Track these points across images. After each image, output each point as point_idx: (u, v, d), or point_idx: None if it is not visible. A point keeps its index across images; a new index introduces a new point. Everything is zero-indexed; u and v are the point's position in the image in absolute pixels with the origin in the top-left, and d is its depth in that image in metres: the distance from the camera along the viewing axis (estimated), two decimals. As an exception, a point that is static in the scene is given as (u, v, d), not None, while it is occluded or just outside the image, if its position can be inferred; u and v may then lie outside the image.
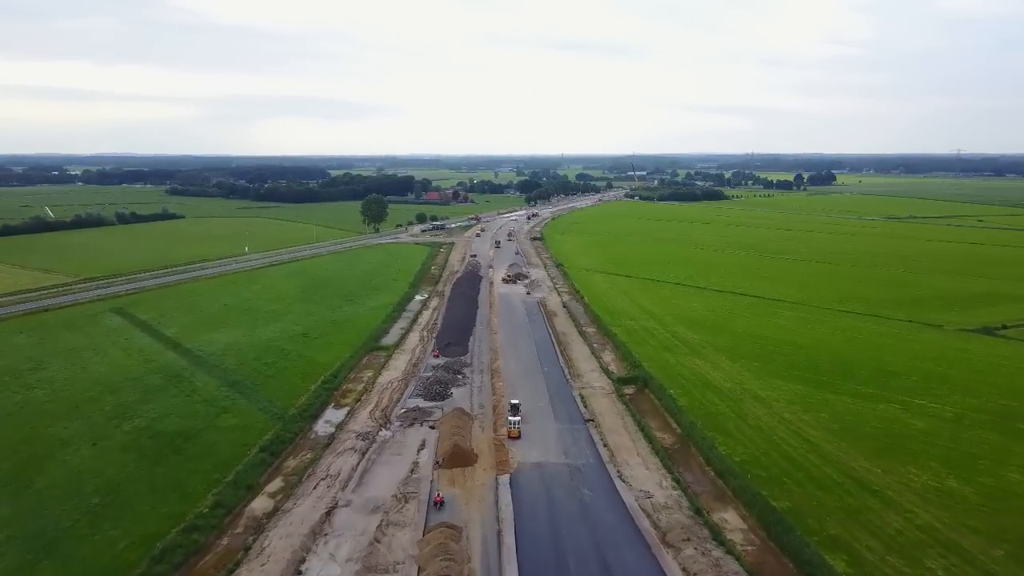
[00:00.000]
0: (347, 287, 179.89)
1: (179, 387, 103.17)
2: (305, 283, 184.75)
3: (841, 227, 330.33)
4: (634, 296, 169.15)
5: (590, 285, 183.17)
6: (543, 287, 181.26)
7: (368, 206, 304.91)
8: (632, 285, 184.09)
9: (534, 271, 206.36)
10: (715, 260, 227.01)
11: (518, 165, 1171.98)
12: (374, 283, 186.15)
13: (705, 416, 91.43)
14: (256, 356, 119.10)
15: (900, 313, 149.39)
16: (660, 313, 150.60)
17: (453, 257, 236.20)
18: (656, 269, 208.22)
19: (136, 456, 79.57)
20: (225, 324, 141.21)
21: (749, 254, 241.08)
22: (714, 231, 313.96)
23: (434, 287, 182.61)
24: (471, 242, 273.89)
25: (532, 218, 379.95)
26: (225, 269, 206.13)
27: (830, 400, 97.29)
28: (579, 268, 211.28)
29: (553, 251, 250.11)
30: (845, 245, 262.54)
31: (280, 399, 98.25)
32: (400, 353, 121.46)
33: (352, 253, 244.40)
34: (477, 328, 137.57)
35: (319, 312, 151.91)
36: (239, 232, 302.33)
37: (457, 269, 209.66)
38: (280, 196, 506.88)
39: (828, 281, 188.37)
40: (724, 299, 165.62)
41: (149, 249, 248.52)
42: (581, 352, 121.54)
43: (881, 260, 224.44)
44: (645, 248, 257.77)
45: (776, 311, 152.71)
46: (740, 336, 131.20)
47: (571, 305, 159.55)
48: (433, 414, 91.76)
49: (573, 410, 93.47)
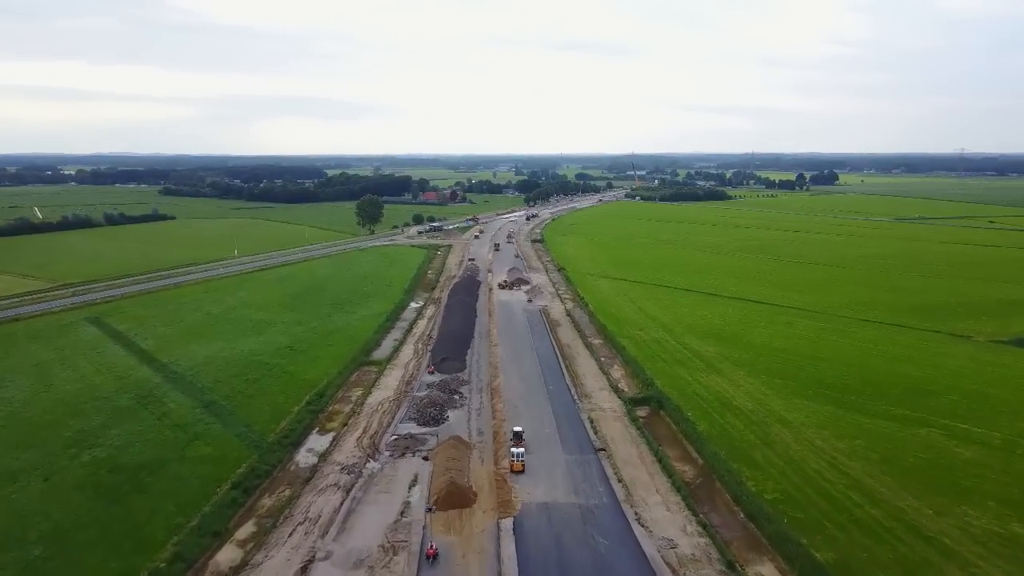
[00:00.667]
0: (339, 294, 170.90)
1: (150, 409, 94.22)
2: (294, 289, 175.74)
3: (850, 228, 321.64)
4: (641, 303, 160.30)
5: (594, 291, 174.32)
6: (545, 293, 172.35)
7: (363, 207, 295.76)
8: (639, 291, 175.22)
9: (535, 276, 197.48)
10: (724, 264, 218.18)
11: (517, 165, 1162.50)
12: (367, 289, 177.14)
13: (728, 444, 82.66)
14: (237, 372, 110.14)
15: (925, 322, 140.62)
16: (670, 323, 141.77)
17: (450, 260, 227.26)
18: (663, 274, 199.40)
19: (92, 494, 70.62)
20: (206, 335, 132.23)
21: (758, 258, 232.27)
22: (720, 233, 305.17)
23: (430, 293, 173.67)
24: (469, 244, 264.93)
25: (531, 219, 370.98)
26: (212, 274, 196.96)
27: (863, 424, 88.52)
28: (582, 272, 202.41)
29: (554, 254, 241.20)
30: (857, 248, 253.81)
31: (259, 423, 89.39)
32: (392, 368, 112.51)
33: (346, 256, 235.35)
34: (475, 340, 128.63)
35: (307, 322, 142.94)
36: (230, 234, 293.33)
37: (455, 274, 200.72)
38: (275, 196, 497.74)
39: (844, 287, 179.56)
40: (737, 307, 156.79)
41: (135, 252, 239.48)
42: (588, 367, 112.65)
43: (896, 264, 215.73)
44: (650, 251, 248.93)
45: (793, 320, 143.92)
46: (758, 349, 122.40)
47: (575, 313, 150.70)
48: (427, 442, 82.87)
49: (582, 437, 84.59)
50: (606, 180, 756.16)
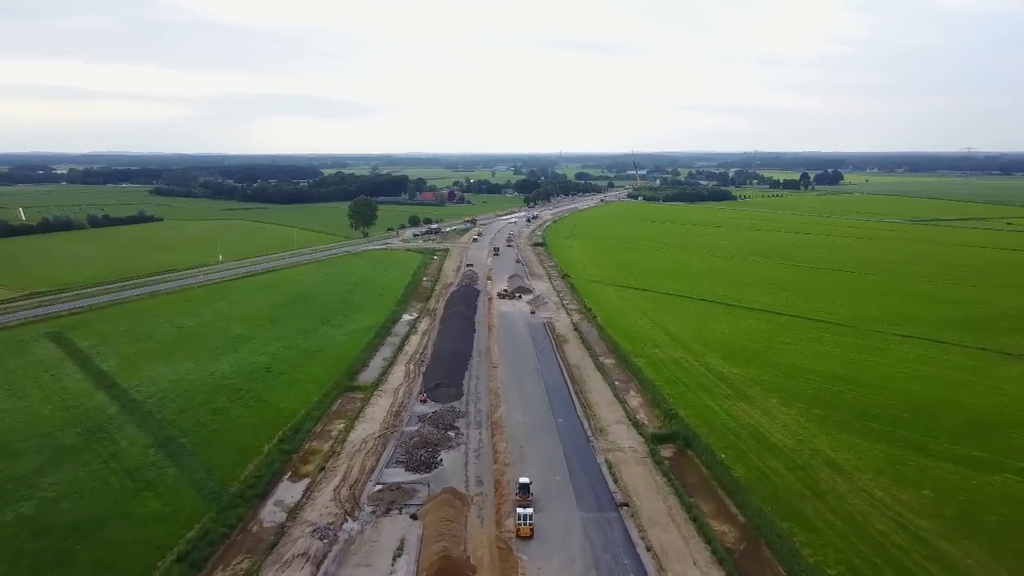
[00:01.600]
0: (326, 304, 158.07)
1: (97, 448, 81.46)
2: (278, 299, 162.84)
3: (864, 231, 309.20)
4: (654, 315, 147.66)
5: (602, 301, 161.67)
6: (549, 304, 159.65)
7: (356, 208, 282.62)
8: (649, 301, 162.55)
9: (538, 284, 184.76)
10: (738, 271, 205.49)
11: (515, 164, 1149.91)
12: (357, 299, 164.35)
13: (772, 494, 70.13)
14: (204, 399, 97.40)
15: (968, 338, 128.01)
16: (687, 338, 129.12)
17: (447, 266, 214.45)
18: (674, 281, 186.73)
19: (5, 571, 57.87)
20: (176, 353, 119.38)
21: (774, 263, 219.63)
22: (729, 236, 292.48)
23: (425, 304, 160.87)
24: (467, 248, 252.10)
25: (532, 220, 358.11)
26: (191, 282, 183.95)
27: (926, 468, 76.00)
28: (588, 280, 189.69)
29: (557, 259, 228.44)
30: (875, 252, 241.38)
31: (222, 466, 76.69)
32: (380, 395, 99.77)
33: (336, 262, 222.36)
34: (474, 360, 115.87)
35: (289, 337, 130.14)
36: (217, 237, 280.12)
37: (451, 281, 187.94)
38: (268, 197, 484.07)
39: (870, 296, 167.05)
40: (758, 319, 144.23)
41: (114, 257, 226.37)
42: (601, 393, 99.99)
43: (922, 270, 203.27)
44: (658, 256, 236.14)
45: (821, 335, 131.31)
46: (788, 370, 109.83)
47: (583, 327, 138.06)
48: (416, 494, 70.19)
49: (600, 487, 71.91)
50: (607, 180, 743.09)
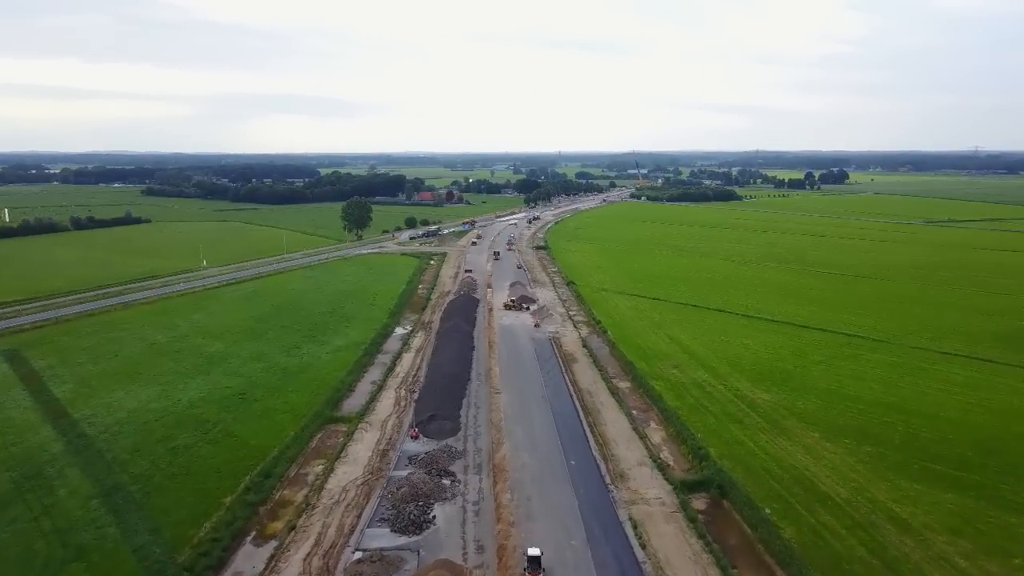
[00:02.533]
0: (313, 316, 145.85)
1: (30, 499, 69.32)
2: (262, 310, 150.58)
3: (879, 232, 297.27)
4: (669, 329, 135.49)
5: (612, 312, 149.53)
6: (554, 316, 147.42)
7: (350, 210, 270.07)
8: (663, 312, 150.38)
9: (541, 292, 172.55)
10: (753, 277, 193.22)
11: (514, 163, 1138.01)
12: (347, 310, 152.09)
13: (832, 564, 58.12)
14: (164, 434, 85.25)
15: (1017, 356, 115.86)
16: (708, 356, 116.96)
17: (445, 272, 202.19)
18: (687, 289, 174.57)
19: None
20: (141, 375, 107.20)
21: (790, 268, 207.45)
22: (740, 238, 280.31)
23: (420, 316, 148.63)
24: (466, 252, 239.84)
25: (533, 222, 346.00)
26: (170, 290, 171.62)
27: (1011, 527, 63.98)
28: (595, 288, 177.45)
29: (561, 264, 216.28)
30: (896, 255, 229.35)
31: (174, 523, 64.60)
32: (366, 428, 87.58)
33: (327, 267, 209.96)
34: (473, 384, 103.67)
35: (270, 355, 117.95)
36: (205, 240, 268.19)
37: (449, 289, 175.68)
38: (261, 197, 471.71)
39: (901, 306, 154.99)
40: (783, 334, 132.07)
41: (94, 262, 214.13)
42: (618, 426, 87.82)
43: (950, 276, 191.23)
44: (668, 261, 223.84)
45: (857, 353, 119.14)
46: (825, 396, 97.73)
47: (593, 343, 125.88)
48: (403, 566, 57.97)
49: (625, 556, 59.69)
50: (608, 179, 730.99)
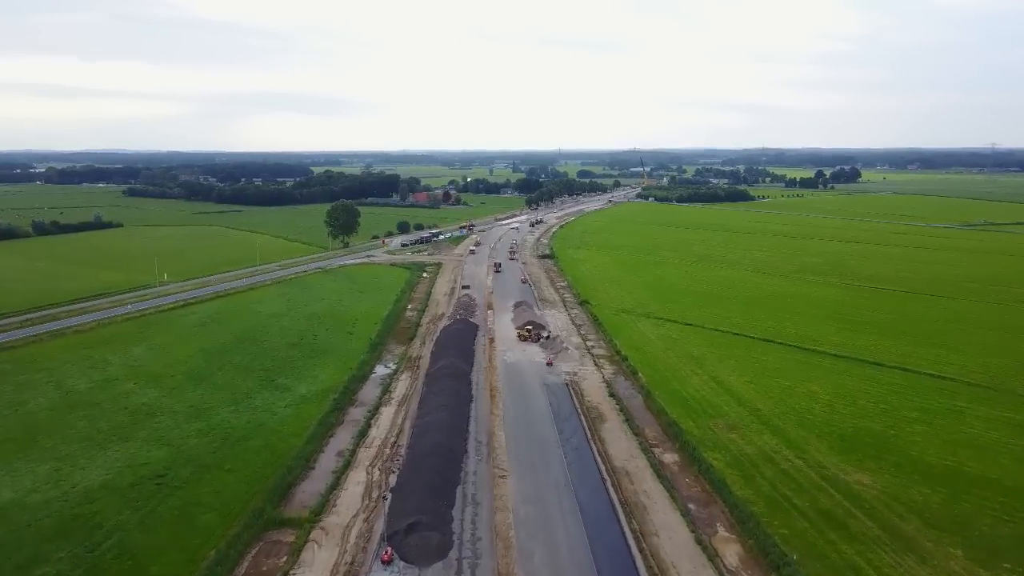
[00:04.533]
0: (277, 349, 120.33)
1: None
2: (217, 341, 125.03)
3: (915, 237, 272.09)
4: (712, 367, 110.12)
5: (638, 342, 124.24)
6: (570, 350, 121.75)
7: (335, 215, 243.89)
8: (699, 342, 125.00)
9: (551, 315, 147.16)
10: (794, 294, 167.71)
11: (514, 161, 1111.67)
12: (320, 340, 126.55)
13: None
14: (31, 553, 60.03)
15: None
16: (771, 410, 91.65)
17: (439, 287, 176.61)
18: (720, 310, 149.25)
19: None
20: (37, 442, 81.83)
21: (834, 283, 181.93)
22: (765, 245, 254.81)
23: (406, 347, 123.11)
24: (463, 263, 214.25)
25: (536, 225, 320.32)
26: (113, 313, 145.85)
27: None
28: (613, 308, 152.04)
29: (571, 277, 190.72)
30: (946, 266, 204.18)
31: None
32: (320, 539, 62.13)
33: (304, 282, 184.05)
34: (470, 460, 78.05)
35: (213, 409, 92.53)
36: (175, 249, 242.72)
37: (443, 311, 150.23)
38: (247, 198, 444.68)
39: (983, 334, 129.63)
40: (854, 375, 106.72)
41: (40, 275, 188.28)
42: (675, 538, 62.39)
43: (1019, 293, 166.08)
44: (691, 273, 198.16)
45: (958, 405, 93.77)
46: (945, 478, 72.55)
47: (621, 390, 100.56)
48: None
49: None
50: (612, 178, 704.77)
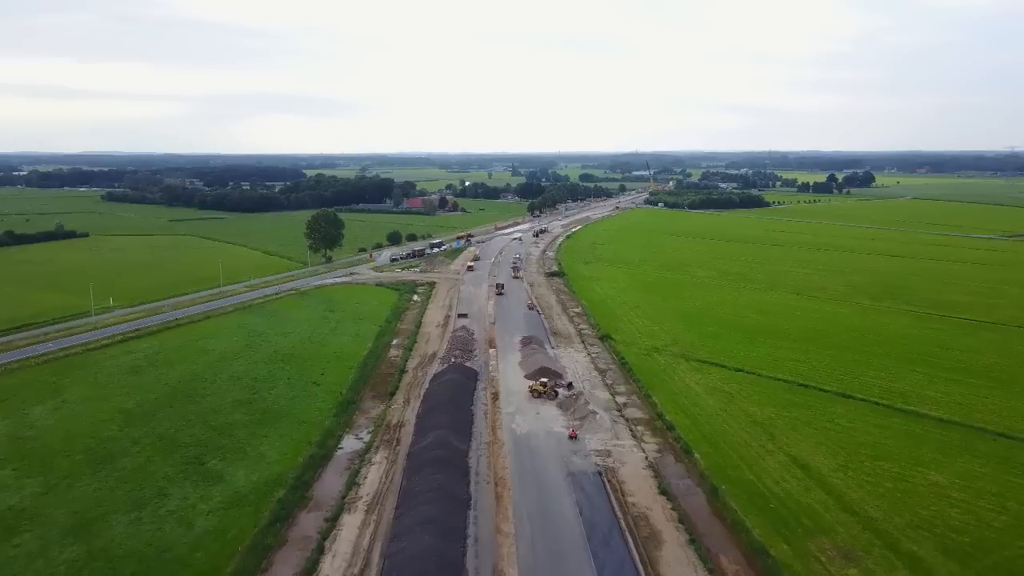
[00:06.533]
0: (219, 410, 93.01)
1: None
2: (146, 397, 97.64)
3: (963, 251, 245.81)
4: (786, 439, 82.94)
5: (682, 400, 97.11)
6: (597, 412, 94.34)
7: (316, 225, 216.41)
8: (758, 396, 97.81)
9: (567, 355, 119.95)
10: (857, 326, 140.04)
11: (512, 163, 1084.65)
12: (275, 395, 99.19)
13: None
14: None
15: None
16: (889, 519, 64.67)
17: (430, 315, 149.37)
18: (772, 348, 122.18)
19: None
20: None
21: (899, 309, 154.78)
22: (800, 260, 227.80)
23: (386, 407, 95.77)
24: (460, 282, 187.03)
25: (540, 235, 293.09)
26: (32, 352, 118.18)
27: None
28: (642, 345, 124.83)
29: (586, 300, 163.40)
30: (1020, 288, 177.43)
31: None
32: None
33: (274, 308, 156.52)
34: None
35: (104, 519, 65.40)
36: (139, 262, 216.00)
37: (435, 350, 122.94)
38: (231, 204, 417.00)
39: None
40: (978, 452, 79.78)
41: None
42: None
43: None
44: (725, 295, 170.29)
45: None
46: None
47: (673, 481, 73.43)
48: None
49: None
50: (616, 181, 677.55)
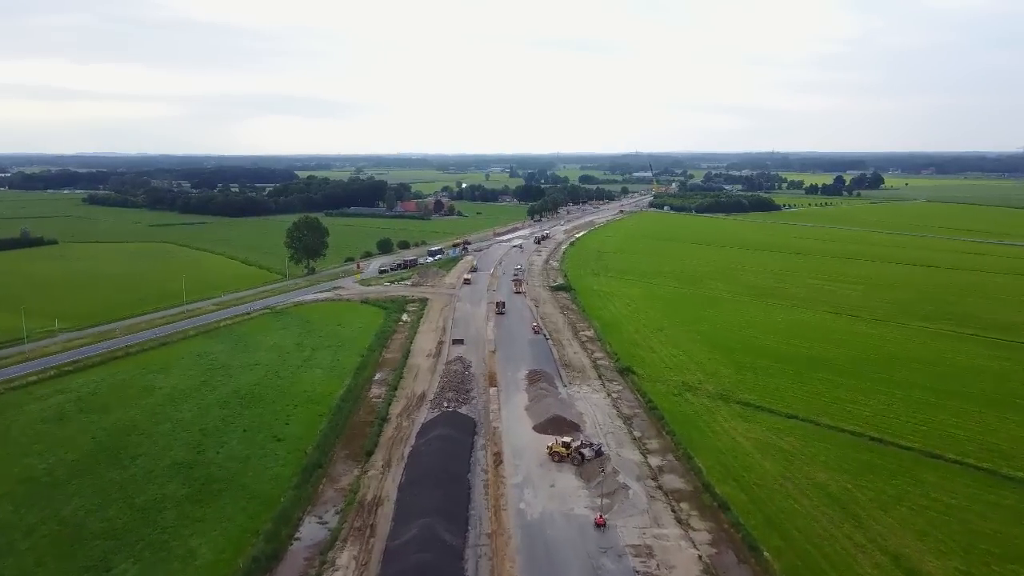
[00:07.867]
0: (150, 477, 73.15)
1: None
2: (60, 458, 77.73)
3: (1001, 260, 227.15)
4: (877, 527, 63.61)
5: (731, 463, 77.55)
6: (627, 481, 74.50)
7: (297, 234, 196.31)
8: (826, 456, 78.30)
9: (582, 395, 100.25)
10: (920, 357, 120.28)
11: (510, 164, 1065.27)
12: (224, 455, 79.24)
13: None
14: None
15: None
16: None
17: (420, 342, 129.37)
18: (828, 385, 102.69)
19: None
20: None
21: (959, 334, 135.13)
22: (828, 272, 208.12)
23: (360, 473, 75.79)
24: (455, 298, 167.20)
25: (543, 242, 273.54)
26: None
27: None
28: (671, 382, 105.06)
29: (598, 321, 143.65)
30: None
31: None
32: None
33: (241, 331, 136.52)
34: None
35: None
36: (104, 273, 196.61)
37: (424, 388, 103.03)
38: (216, 207, 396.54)
39: None
40: None
41: None
42: None
43: None
44: (755, 315, 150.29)
45: None
46: None
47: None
48: None
49: None
50: (618, 183, 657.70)
